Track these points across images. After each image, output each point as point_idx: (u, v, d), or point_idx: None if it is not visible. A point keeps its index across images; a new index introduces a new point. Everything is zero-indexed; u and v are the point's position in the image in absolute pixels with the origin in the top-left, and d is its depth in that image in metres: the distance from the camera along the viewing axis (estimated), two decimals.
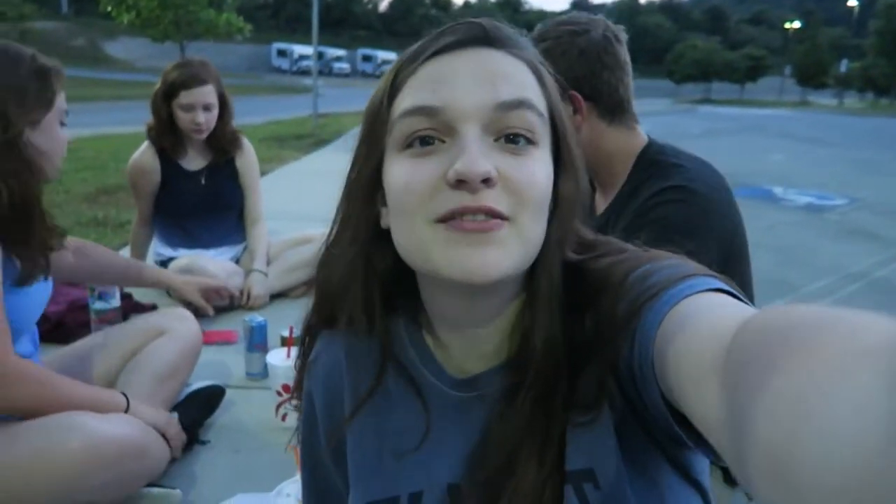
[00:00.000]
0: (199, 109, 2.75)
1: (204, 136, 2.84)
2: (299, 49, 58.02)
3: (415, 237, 0.59)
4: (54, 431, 1.32)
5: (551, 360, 0.61)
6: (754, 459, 0.30)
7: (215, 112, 2.82)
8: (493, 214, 0.56)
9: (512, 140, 0.58)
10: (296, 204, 4.98)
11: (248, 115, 2.97)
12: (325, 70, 56.69)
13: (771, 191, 7.91)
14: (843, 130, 20.63)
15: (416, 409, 0.69)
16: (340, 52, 65.99)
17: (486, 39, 0.61)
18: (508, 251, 0.57)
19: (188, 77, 2.70)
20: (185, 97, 2.72)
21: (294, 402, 0.80)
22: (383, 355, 0.71)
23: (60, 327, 2.40)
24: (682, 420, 0.49)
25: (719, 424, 0.38)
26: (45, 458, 1.29)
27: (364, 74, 64.18)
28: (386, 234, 0.64)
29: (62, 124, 1.45)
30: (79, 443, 1.31)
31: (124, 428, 1.42)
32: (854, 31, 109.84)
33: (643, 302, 0.55)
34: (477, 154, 0.55)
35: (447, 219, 0.56)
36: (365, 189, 0.65)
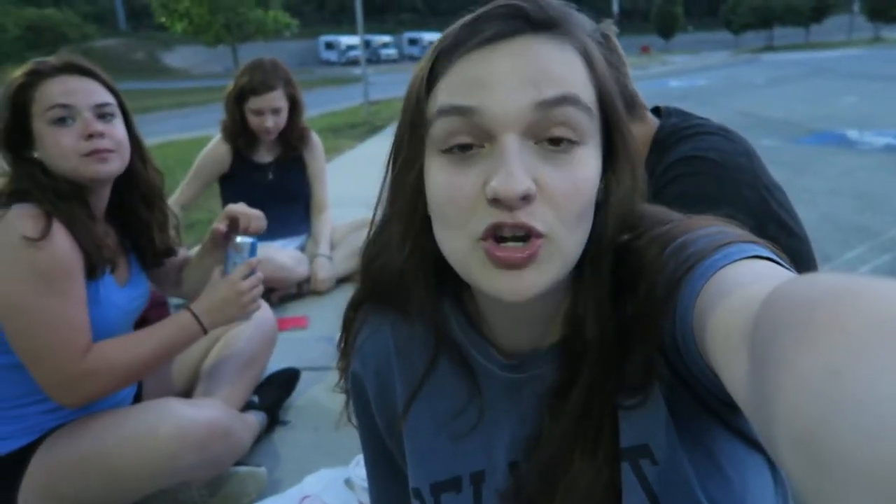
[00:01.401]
0: (267, 114, 2.81)
1: (273, 136, 2.91)
2: (346, 40, 58.46)
3: (455, 250, 0.58)
4: (145, 419, 1.41)
5: (603, 348, 0.60)
6: (784, 433, 0.30)
7: (284, 114, 2.88)
8: (529, 231, 0.54)
9: (554, 142, 0.55)
10: (355, 190, 5.02)
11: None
12: (373, 58, 56.98)
13: (844, 135, 7.50)
14: None
15: (468, 390, 0.69)
16: (387, 39, 66.12)
17: (528, 24, 0.56)
18: (545, 271, 0.55)
19: (257, 83, 2.76)
20: (254, 103, 2.79)
21: (341, 383, 0.81)
22: (437, 339, 0.70)
23: (144, 323, 2.52)
24: None
25: (747, 392, 0.38)
26: (138, 444, 1.37)
27: (412, 58, 64.04)
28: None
29: (58, 124, 1.37)
30: (169, 428, 1.38)
31: (210, 411, 1.50)
32: None
33: (679, 276, 0.53)
34: (516, 170, 0.52)
35: (486, 237, 0.55)
36: (411, 184, 0.63)
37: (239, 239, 1.64)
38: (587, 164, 0.56)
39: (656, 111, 1.38)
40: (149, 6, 14.03)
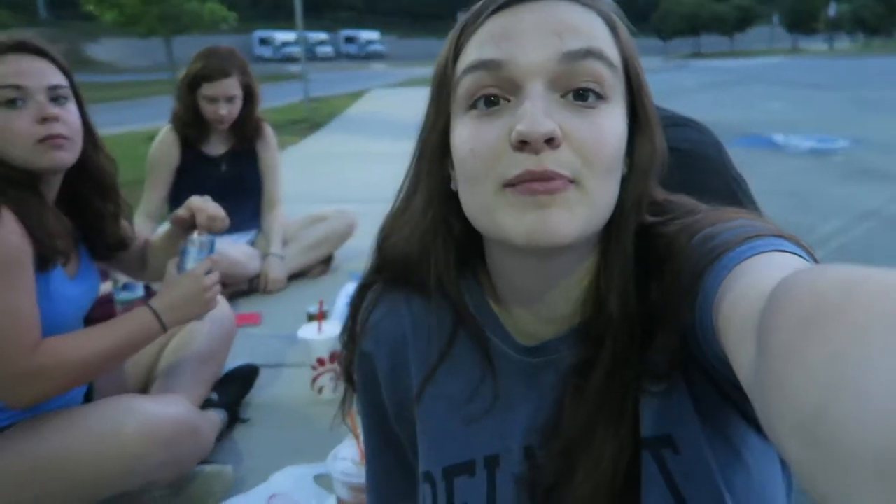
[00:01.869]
0: (221, 101, 2.73)
1: (227, 125, 2.82)
2: (281, 36, 57.31)
3: (482, 202, 0.57)
4: (108, 416, 1.33)
5: (626, 329, 0.60)
6: (788, 420, 0.30)
7: (238, 103, 2.80)
8: (555, 178, 0.54)
9: (580, 96, 0.55)
10: (300, 186, 4.97)
11: None
12: (309, 55, 56.07)
13: (772, 139, 7.86)
14: (838, 73, 20.43)
15: (483, 374, 0.68)
16: (323, 36, 65.05)
17: None
18: (575, 214, 0.55)
19: (212, 69, 2.68)
20: (207, 89, 2.70)
21: (337, 369, 0.79)
22: (455, 320, 0.69)
23: (89, 322, 2.40)
24: None
25: (750, 381, 0.39)
26: (101, 444, 1.29)
27: (349, 56, 63.44)
28: (457, 197, 0.63)
29: (8, 105, 1.28)
30: (135, 425, 1.31)
31: (176, 408, 1.43)
32: None
33: (704, 266, 0.53)
34: (539, 113, 0.53)
35: (513, 183, 0.54)
36: (435, 152, 0.63)
37: (198, 234, 1.56)
38: (613, 118, 0.57)
39: None
40: None
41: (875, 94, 13.15)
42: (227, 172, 2.93)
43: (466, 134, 0.57)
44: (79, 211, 1.47)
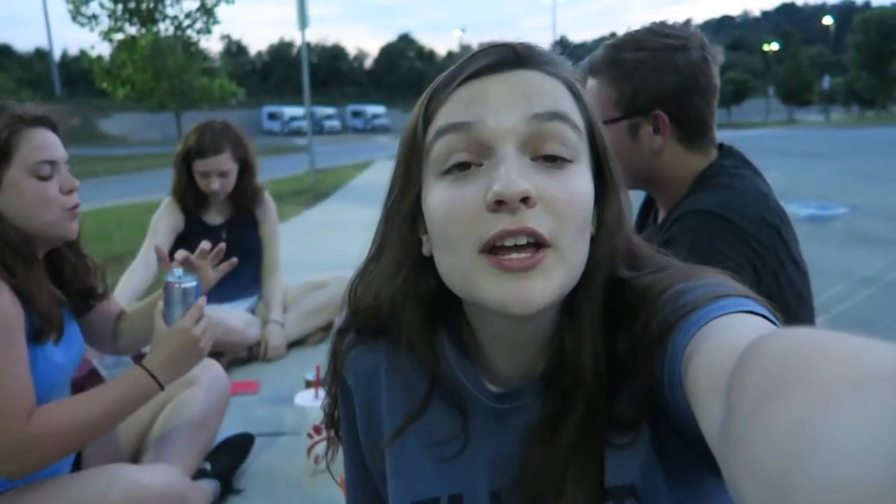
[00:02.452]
0: (213, 176, 2.78)
1: (221, 198, 2.87)
2: (290, 111, 58.87)
3: (459, 267, 0.58)
4: (93, 485, 1.31)
5: (596, 382, 0.61)
6: (751, 484, 0.30)
7: (232, 177, 2.84)
8: (534, 236, 0.55)
9: (549, 158, 0.57)
10: (304, 255, 5.00)
11: None
12: (317, 128, 57.38)
13: None
14: (834, 143, 20.81)
15: (455, 417, 0.70)
16: (330, 111, 66.89)
17: (519, 61, 0.60)
18: (552, 279, 0.56)
19: (204, 145, 2.73)
20: (200, 165, 2.76)
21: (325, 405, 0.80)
22: (430, 380, 0.71)
23: (77, 391, 2.37)
24: None
25: (716, 441, 0.39)
26: None
27: (355, 130, 64.99)
28: (428, 260, 0.65)
29: (42, 178, 1.34)
30: (119, 495, 1.29)
31: (165, 477, 1.40)
32: (832, 48, 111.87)
33: (675, 321, 0.54)
34: (514, 173, 0.54)
35: (491, 248, 0.56)
36: (406, 218, 0.65)
37: (181, 283, 1.51)
38: (581, 178, 0.59)
39: (719, 146, 1.37)
40: (88, 72, 13.89)
41: (871, 163, 13.35)
42: (227, 240, 2.95)
43: (441, 198, 0.59)
44: (56, 270, 1.48)
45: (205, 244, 1.58)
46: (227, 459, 1.86)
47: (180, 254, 1.57)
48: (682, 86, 1.24)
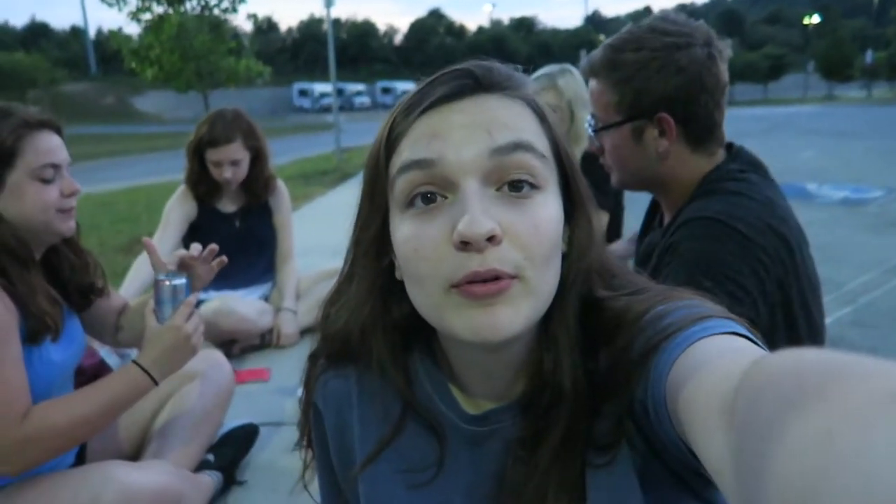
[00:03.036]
0: (226, 165, 2.78)
1: (234, 187, 2.88)
2: (320, 87, 58.98)
3: (429, 301, 0.58)
4: (87, 485, 1.32)
5: (576, 400, 0.60)
6: (773, 500, 0.29)
7: (244, 165, 2.84)
8: (500, 276, 0.54)
9: (514, 187, 0.56)
10: (325, 238, 5.00)
11: (274, 155, 3.05)
12: (346, 105, 57.56)
13: (804, 188, 7.73)
14: (874, 122, 20.14)
15: (429, 441, 0.69)
16: (360, 87, 66.94)
17: (479, 86, 0.59)
18: (518, 309, 0.55)
19: (216, 135, 2.74)
20: (211, 154, 2.77)
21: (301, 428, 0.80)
22: (403, 406, 0.70)
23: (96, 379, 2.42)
24: None
25: (722, 465, 0.38)
26: None
27: (385, 106, 64.88)
28: (400, 284, 0.64)
29: (45, 181, 1.36)
30: (112, 496, 1.30)
31: (158, 476, 1.42)
32: (875, 20, 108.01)
33: (657, 343, 0.54)
34: (478, 213, 0.53)
35: (459, 284, 0.55)
36: (375, 245, 0.64)
37: (170, 280, 1.51)
38: (547, 206, 0.58)
39: (728, 147, 1.31)
40: (120, 52, 14.08)
41: None
42: (240, 229, 2.97)
43: (408, 233, 0.58)
44: (54, 268, 1.49)
45: (195, 247, 1.58)
46: (230, 451, 1.88)
47: (175, 255, 1.57)
48: (687, 86, 1.18)
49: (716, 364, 0.46)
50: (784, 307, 1.17)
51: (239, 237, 2.95)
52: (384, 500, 0.70)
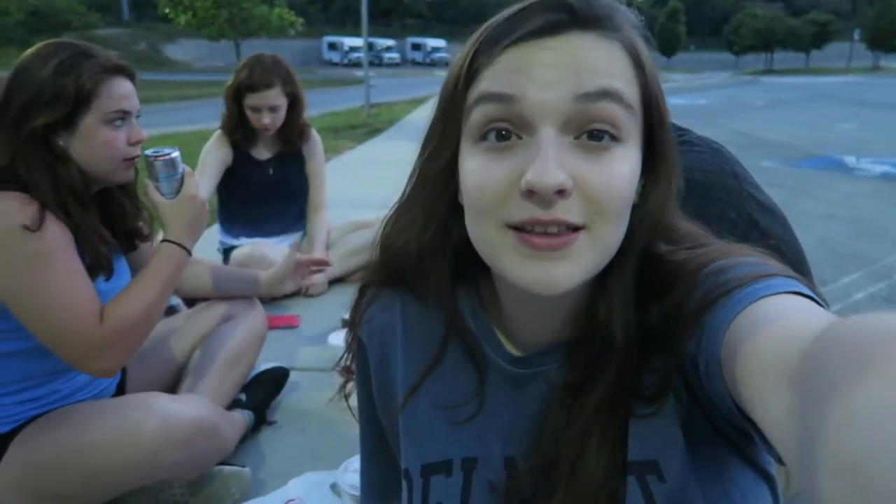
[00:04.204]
0: (264, 111, 2.79)
1: (271, 133, 2.89)
2: (350, 41, 58.35)
3: (485, 237, 0.57)
4: (130, 413, 1.37)
5: (625, 352, 0.60)
6: (830, 465, 0.29)
7: (282, 112, 2.85)
8: (566, 226, 0.53)
9: (594, 137, 0.54)
10: (353, 191, 5.04)
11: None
12: (376, 61, 56.91)
13: (842, 160, 7.55)
14: None
15: (471, 380, 0.69)
16: (390, 42, 66.06)
17: (574, 21, 0.54)
18: (581, 263, 0.54)
19: (256, 80, 2.74)
20: (251, 99, 2.77)
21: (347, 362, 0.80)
22: (448, 327, 0.70)
23: None
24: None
25: (784, 427, 0.37)
26: (122, 439, 1.33)
27: (414, 63, 64.25)
28: (462, 211, 0.63)
29: (115, 127, 1.38)
30: (154, 423, 1.34)
31: (196, 408, 1.46)
32: None
33: (715, 297, 0.53)
34: (551, 163, 0.51)
35: (518, 227, 0.54)
36: (441, 175, 0.62)
37: (161, 155, 1.50)
38: (625, 162, 0.55)
39: None
40: None
41: None
42: (274, 176, 2.99)
43: (475, 167, 0.56)
44: (105, 207, 1.52)
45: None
46: (261, 392, 1.92)
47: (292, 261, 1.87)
48: None
49: (781, 323, 0.44)
50: None
51: (272, 184, 2.97)
52: (423, 434, 0.70)
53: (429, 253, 0.67)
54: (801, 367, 0.36)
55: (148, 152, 1.51)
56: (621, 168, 0.54)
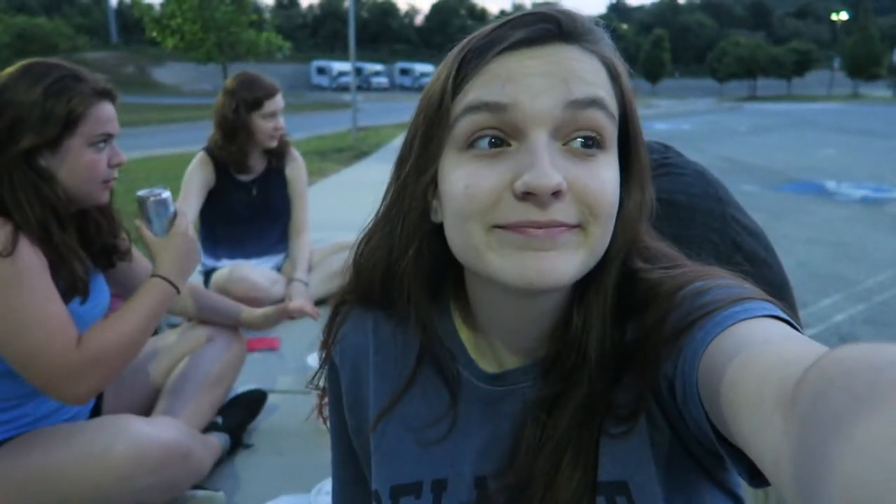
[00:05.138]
0: (279, 115, 2.86)
1: (276, 141, 2.91)
2: (338, 66, 58.79)
3: (470, 239, 0.56)
4: (100, 436, 1.34)
5: (600, 369, 0.59)
6: (834, 498, 0.28)
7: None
8: (561, 227, 0.53)
9: (582, 143, 0.55)
10: (338, 213, 5.03)
11: (291, 131, 3.05)
12: (364, 85, 57.36)
13: (823, 185, 7.66)
14: None
15: (442, 398, 0.69)
16: (378, 67, 66.63)
17: (560, 34, 0.56)
18: (572, 257, 0.54)
19: (268, 87, 2.81)
20: (269, 106, 2.81)
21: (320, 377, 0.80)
22: (422, 347, 0.70)
23: None
24: (723, 437, 0.48)
25: (779, 455, 0.37)
26: (91, 462, 1.31)
27: (403, 88, 64.72)
28: (437, 227, 0.63)
29: (97, 149, 1.38)
30: (124, 446, 1.32)
31: (169, 431, 1.44)
32: None
33: (694, 320, 0.53)
34: (547, 166, 0.52)
35: (509, 227, 0.54)
36: (421, 185, 0.61)
37: (154, 196, 1.54)
38: (610, 168, 0.57)
39: None
40: (141, 21, 14.12)
41: None
42: (257, 196, 2.98)
43: (462, 173, 0.56)
44: (82, 224, 1.50)
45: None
46: (238, 414, 1.90)
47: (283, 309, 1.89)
48: None
49: (765, 349, 0.44)
50: None
51: (255, 205, 2.96)
52: (393, 456, 0.70)
53: (408, 272, 0.66)
54: (797, 395, 0.36)
55: (141, 192, 1.53)
56: (608, 173, 0.56)
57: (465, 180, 0.56)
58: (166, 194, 1.55)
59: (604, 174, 0.55)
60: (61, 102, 1.31)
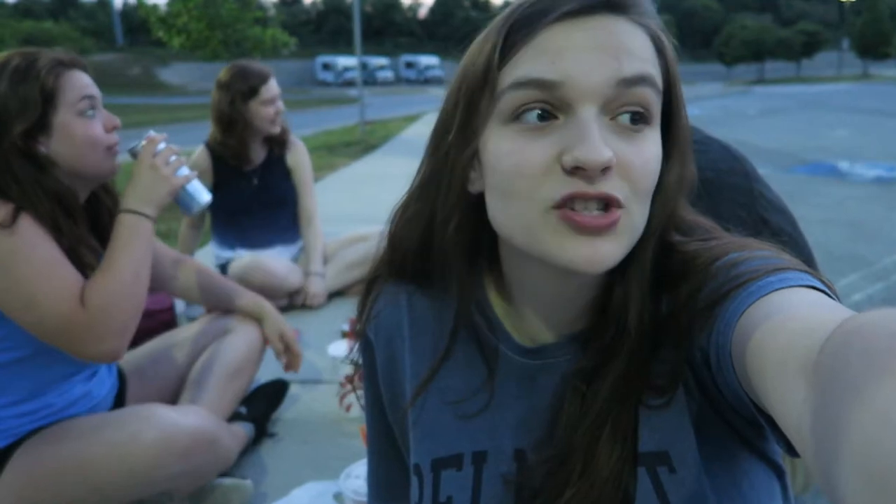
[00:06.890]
0: (277, 100, 2.88)
1: (277, 127, 2.92)
2: (343, 61, 58.67)
3: (522, 221, 0.56)
4: (128, 424, 1.36)
5: (639, 342, 0.59)
6: (855, 467, 0.28)
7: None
8: (610, 201, 0.53)
9: (630, 118, 0.55)
10: (349, 206, 5.05)
11: (298, 127, 3.05)
12: (370, 79, 57.24)
13: (836, 166, 7.58)
14: None
15: (479, 373, 0.69)
16: (384, 61, 66.43)
17: (608, 4, 0.55)
18: (621, 242, 0.55)
19: (262, 74, 2.83)
20: (266, 91, 2.82)
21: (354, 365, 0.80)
22: (458, 319, 0.69)
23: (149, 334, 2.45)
24: (760, 406, 0.48)
25: (801, 422, 0.36)
26: (122, 450, 1.32)
27: (408, 81, 64.59)
28: (476, 198, 0.62)
29: (87, 116, 1.36)
30: (153, 434, 1.34)
31: (196, 419, 1.45)
32: None
33: (728, 290, 0.53)
34: (598, 141, 0.52)
35: (560, 205, 0.54)
36: (465, 158, 0.60)
37: (149, 139, 1.51)
38: (654, 143, 0.57)
39: None
40: (146, 22, 14.18)
41: None
42: (259, 186, 3.00)
43: (509, 148, 0.55)
44: (93, 212, 1.51)
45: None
46: (261, 404, 1.92)
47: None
48: None
49: (794, 316, 0.44)
50: None
51: (258, 194, 2.98)
52: (433, 429, 0.70)
53: (449, 244, 0.65)
54: (819, 360, 0.36)
55: (129, 149, 1.52)
56: (652, 148, 0.56)
57: (513, 158, 0.55)
58: (159, 136, 1.52)
59: (648, 149, 0.55)
60: (30, 82, 1.30)
